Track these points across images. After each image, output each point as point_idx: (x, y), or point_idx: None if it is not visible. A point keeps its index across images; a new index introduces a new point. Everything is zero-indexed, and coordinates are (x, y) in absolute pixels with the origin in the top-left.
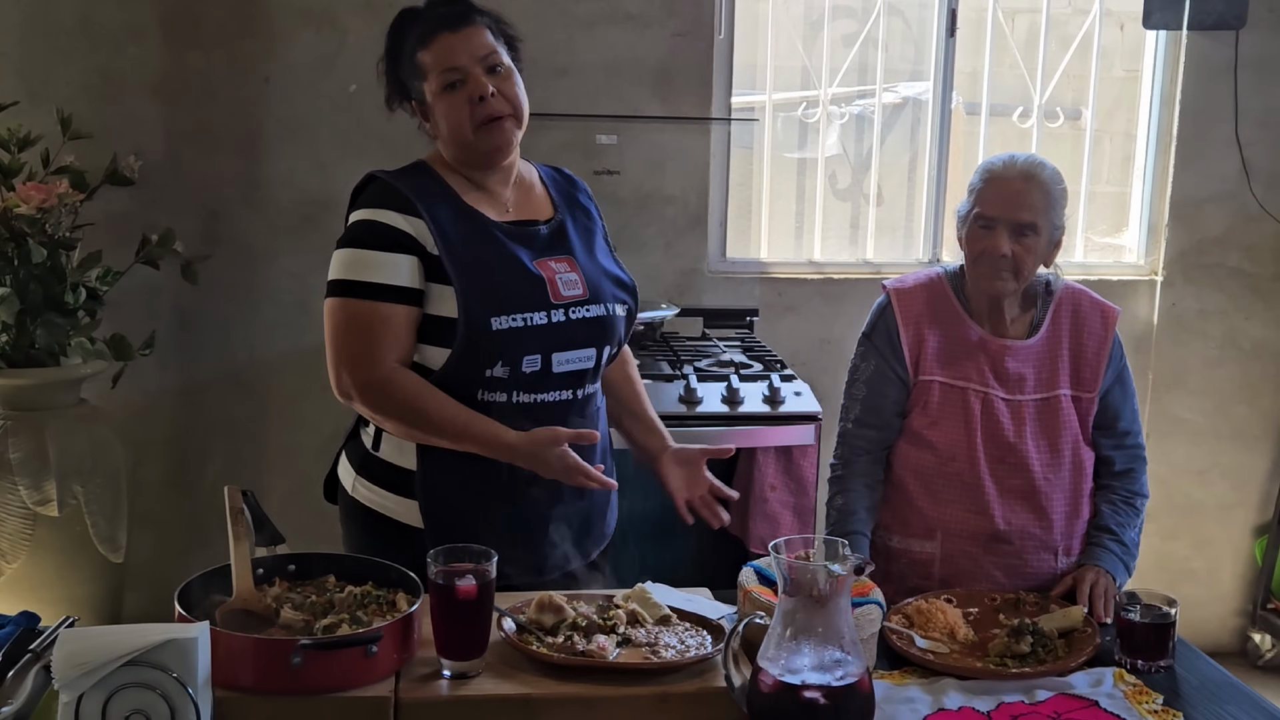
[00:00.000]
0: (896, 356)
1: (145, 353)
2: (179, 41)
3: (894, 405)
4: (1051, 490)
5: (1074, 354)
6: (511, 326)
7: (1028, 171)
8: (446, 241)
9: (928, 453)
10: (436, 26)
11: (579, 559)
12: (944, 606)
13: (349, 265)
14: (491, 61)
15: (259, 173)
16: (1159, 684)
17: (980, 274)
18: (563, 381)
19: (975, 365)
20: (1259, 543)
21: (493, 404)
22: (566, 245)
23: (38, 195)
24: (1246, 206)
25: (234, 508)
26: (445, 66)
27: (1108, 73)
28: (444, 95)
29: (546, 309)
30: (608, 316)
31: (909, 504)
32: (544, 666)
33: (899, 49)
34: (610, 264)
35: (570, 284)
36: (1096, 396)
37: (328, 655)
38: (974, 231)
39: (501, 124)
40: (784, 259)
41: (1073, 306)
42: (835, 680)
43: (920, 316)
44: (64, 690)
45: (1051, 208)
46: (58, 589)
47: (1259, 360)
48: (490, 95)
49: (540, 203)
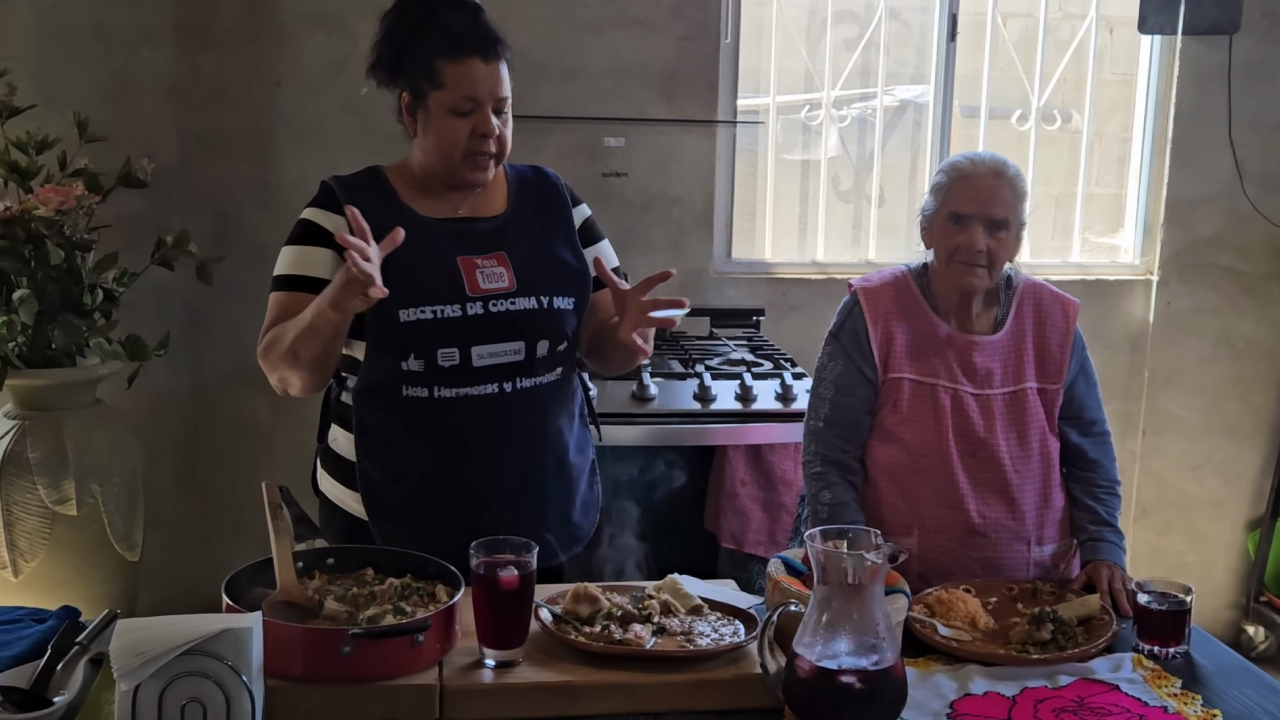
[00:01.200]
0: (863, 356)
1: (160, 353)
2: (191, 45)
3: (862, 404)
4: (1022, 482)
5: (1038, 347)
6: (420, 319)
7: (996, 169)
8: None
9: (899, 450)
10: (471, 48)
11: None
12: (964, 596)
13: (280, 261)
14: (501, 103)
15: (270, 175)
16: (1176, 668)
17: (955, 271)
18: (486, 375)
19: (944, 361)
20: (1252, 537)
21: (415, 399)
22: (504, 240)
23: (56, 198)
24: (1239, 208)
25: (273, 503)
26: (466, 94)
27: (1102, 76)
28: (450, 116)
29: (461, 301)
30: (541, 309)
31: (882, 501)
32: (583, 655)
33: (900, 53)
34: (563, 255)
35: (493, 276)
36: (1062, 388)
37: (376, 645)
38: (945, 229)
39: (486, 164)
40: (788, 259)
41: (1035, 300)
42: (871, 665)
43: (888, 314)
44: (122, 680)
45: (1018, 203)
46: (76, 587)
47: (1251, 358)
48: (492, 137)
49: (495, 199)
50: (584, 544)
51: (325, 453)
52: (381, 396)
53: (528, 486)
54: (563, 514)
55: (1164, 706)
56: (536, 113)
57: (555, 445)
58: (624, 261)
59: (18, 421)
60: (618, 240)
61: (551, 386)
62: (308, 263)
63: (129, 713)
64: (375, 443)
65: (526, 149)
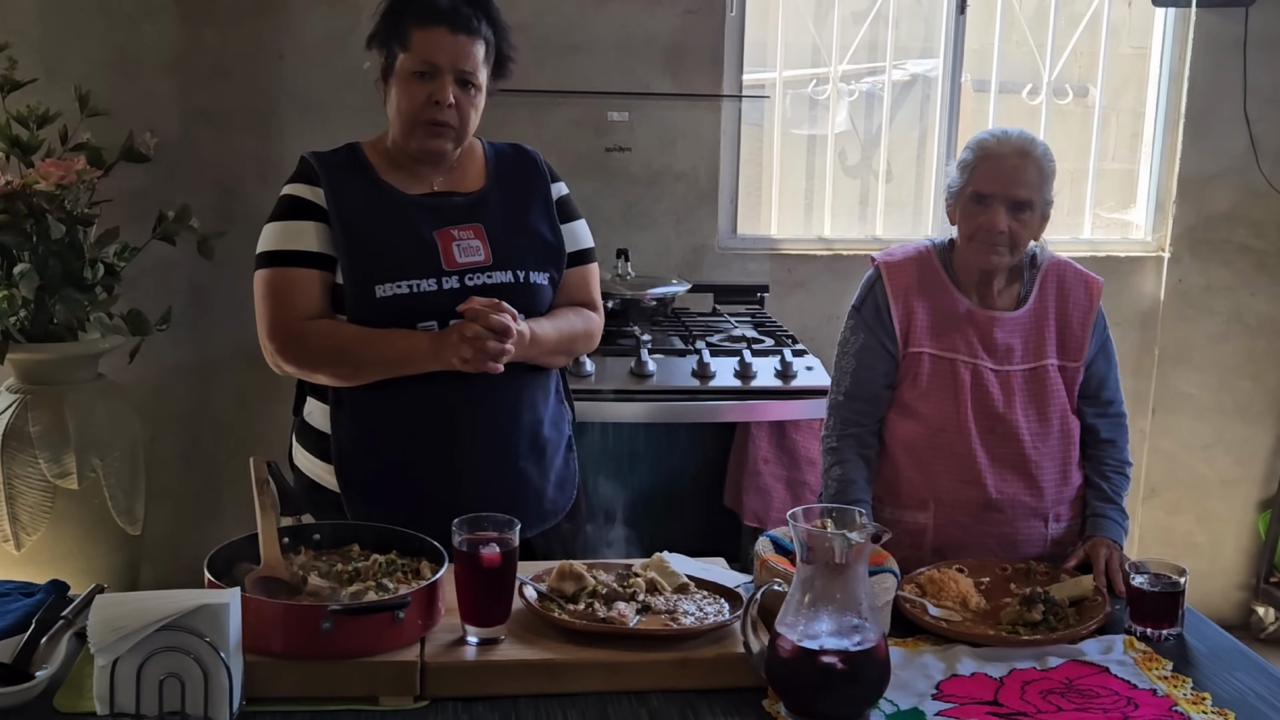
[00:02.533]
0: (885, 330)
1: (162, 328)
2: (194, 19)
3: (882, 378)
4: (1041, 459)
5: (1060, 325)
6: (397, 294)
7: (1022, 148)
8: (340, 212)
9: (918, 424)
10: (444, 16)
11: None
12: (956, 576)
13: (264, 238)
14: (466, 76)
15: (273, 149)
16: (1169, 651)
17: (976, 250)
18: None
19: (964, 337)
20: (1263, 517)
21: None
22: (481, 214)
23: (57, 172)
24: (1254, 183)
25: (259, 478)
26: (425, 58)
27: (1116, 50)
28: (409, 79)
29: (437, 275)
30: (517, 283)
31: (900, 475)
32: (566, 633)
33: (909, 26)
34: (540, 230)
35: (469, 250)
36: (1082, 366)
37: (356, 621)
38: (968, 208)
39: (441, 132)
40: (794, 235)
41: (1058, 278)
42: (853, 646)
43: (909, 289)
44: (100, 654)
45: (1044, 183)
46: (77, 560)
47: (1264, 336)
48: (448, 105)
49: (472, 176)
50: (557, 520)
51: (301, 426)
52: None
53: (501, 461)
54: (536, 489)
55: (1153, 689)
56: (540, 87)
57: (529, 420)
58: (627, 237)
59: (19, 396)
60: (622, 215)
61: (524, 363)
62: (294, 237)
63: (107, 687)
64: (350, 415)
65: (530, 123)
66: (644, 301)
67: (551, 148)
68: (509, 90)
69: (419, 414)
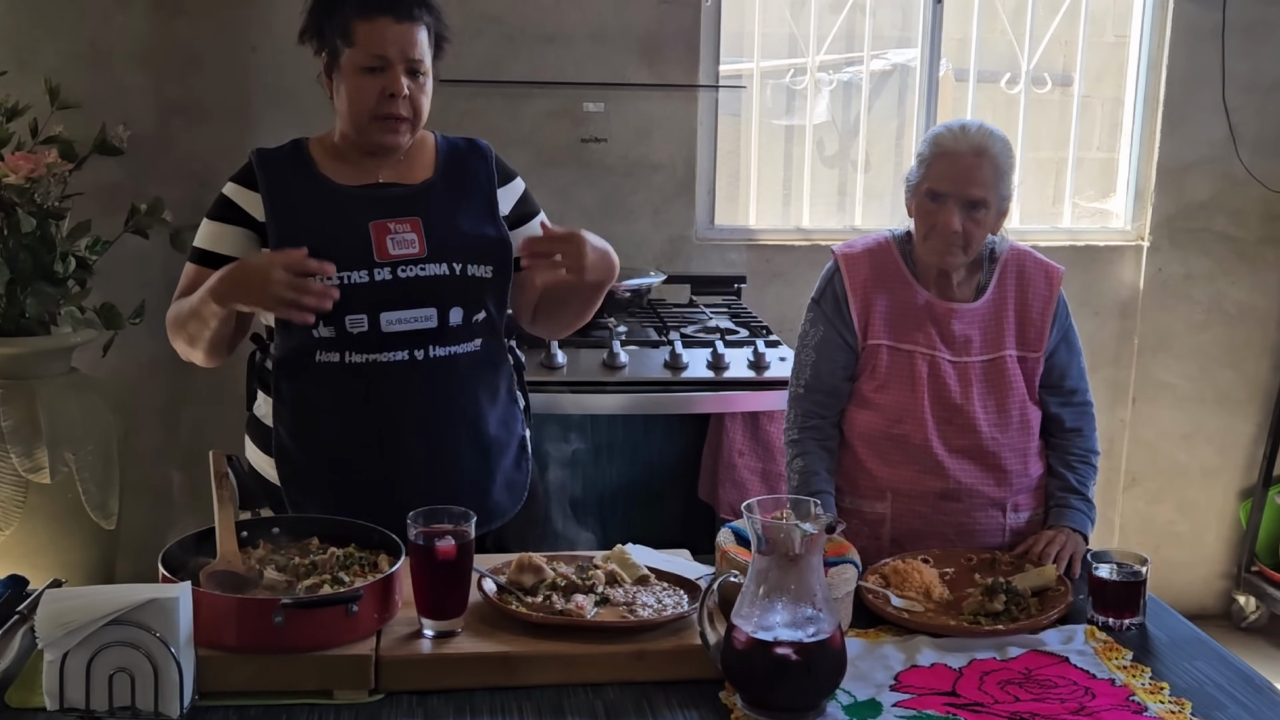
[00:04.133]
0: (843, 322)
1: (135, 321)
2: (166, 11)
3: (842, 370)
4: (999, 449)
5: (1019, 315)
6: (327, 284)
7: (979, 145)
8: (276, 209)
9: (875, 415)
10: (384, 7)
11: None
12: (920, 566)
13: (198, 232)
14: (415, 64)
15: (247, 141)
16: (1130, 641)
17: (930, 248)
18: (397, 342)
19: (922, 329)
20: (1244, 506)
21: (328, 365)
22: (420, 206)
23: (26, 165)
24: (1233, 171)
25: (218, 471)
26: (373, 52)
27: (1099, 38)
28: (359, 74)
29: (369, 267)
30: (453, 275)
31: (859, 466)
32: (523, 625)
33: (887, 15)
34: (481, 225)
35: (404, 243)
36: (1042, 356)
37: (309, 615)
38: (924, 205)
39: (398, 125)
40: (772, 226)
41: (1018, 268)
42: (807, 637)
43: (868, 281)
44: (48, 649)
45: (1000, 180)
46: (50, 555)
47: (1244, 325)
48: (402, 96)
49: (419, 167)
50: (503, 522)
51: (250, 419)
52: (296, 363)
53: (439, 458)
54: (480, 489)
55: (1112, 679)
56: (515, 78)
57: (471, 417)
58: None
59: None
60: (599, 206)
61: (469, 357)
62: (220, 240)
63: (56, 682)
64: (289, 409)
65: (505, 114)
66: (618, 293)
67: (527, 139)
68: (484, 81)
69: (356, 410)
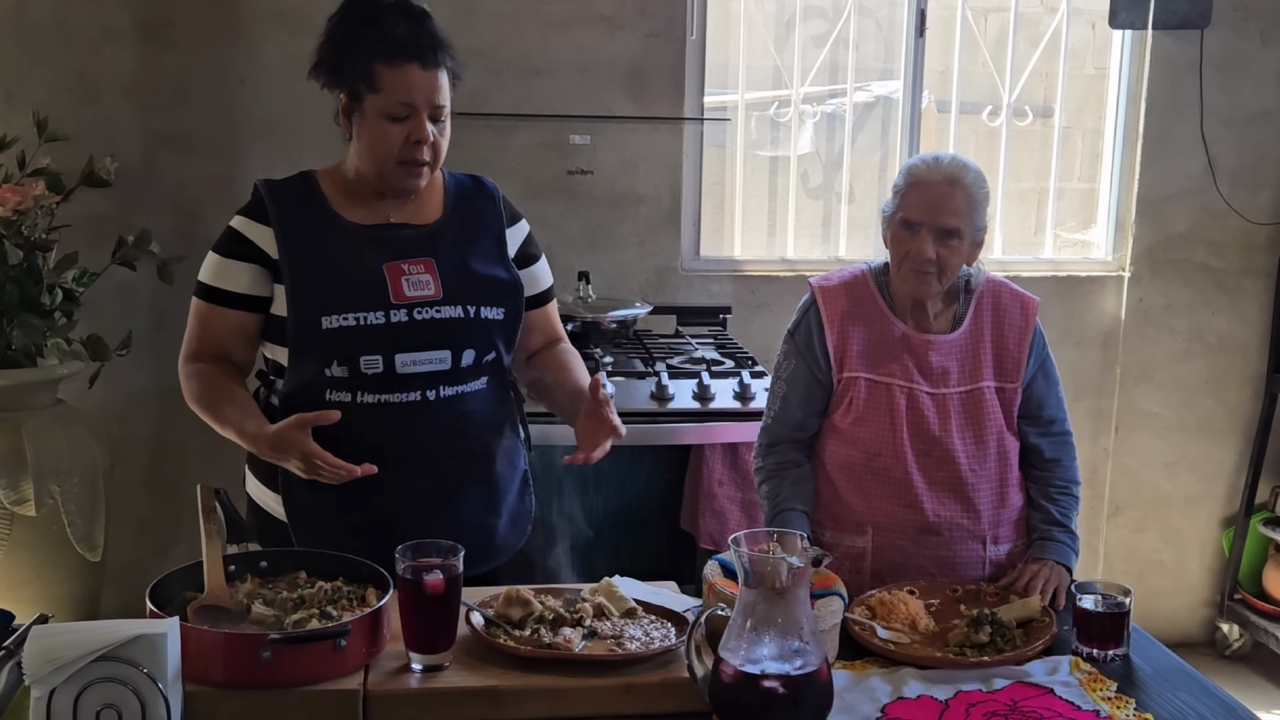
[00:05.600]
0: (814, 357)
1: (122, 353)
2: (154, 43)
3: (812, 404)
4: (978, 481)
5: (996, 346)
6: (343, 325)
7: (952, 175)
8: (289, 246)
9: (855, 449)
10: (409, 53)
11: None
12: (906, 598)
13: (204, 266)
14: (438, 111)
15: (235, 173)
16: (1114, 672)
17: (904, 277)
18: (411, 383)
19: (899, 361)
20: (1226, 534)
21: (339, 404)
22: (432, 247)
23: (13, 197)
24: (1212, 203)
25: (206, 506)
26: (401, 100)
27: (1079, 71)
28: (383, 121)
29: (385, 309)
30: (468, 318)
31: (839, 500)
32: (511, 659)
33: (870, 48)
34: (493, 267)
35: (419, 285)
36: (1020, 387)
37: (297, 649)
38: (898, 234)
39: (420, 170)
40: (757, 257)
41: (994, 299)
42: (794, 670)
43: (844, 314)
44: (35, 686)
45: (974, 211)
46: (35, 588)
47: (1225, 354)
48: (427, 143)
49: (429, 207)
50: (510, 556)
51: (252, 455)
52: (305, 401)
53: (446, 495)
54: (486, 525)
55: (1097, 711)
56: (502, 110)
57: (479, 454)
58: (590, 259)
59: None
60: (585, 238)
61: (476, 396)
62: (228, 276)
63: (43, 718)
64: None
65: (492, 146)
66: (604, 324)
67: (514, 171)
68: (471, 114)
69: (365, 447)
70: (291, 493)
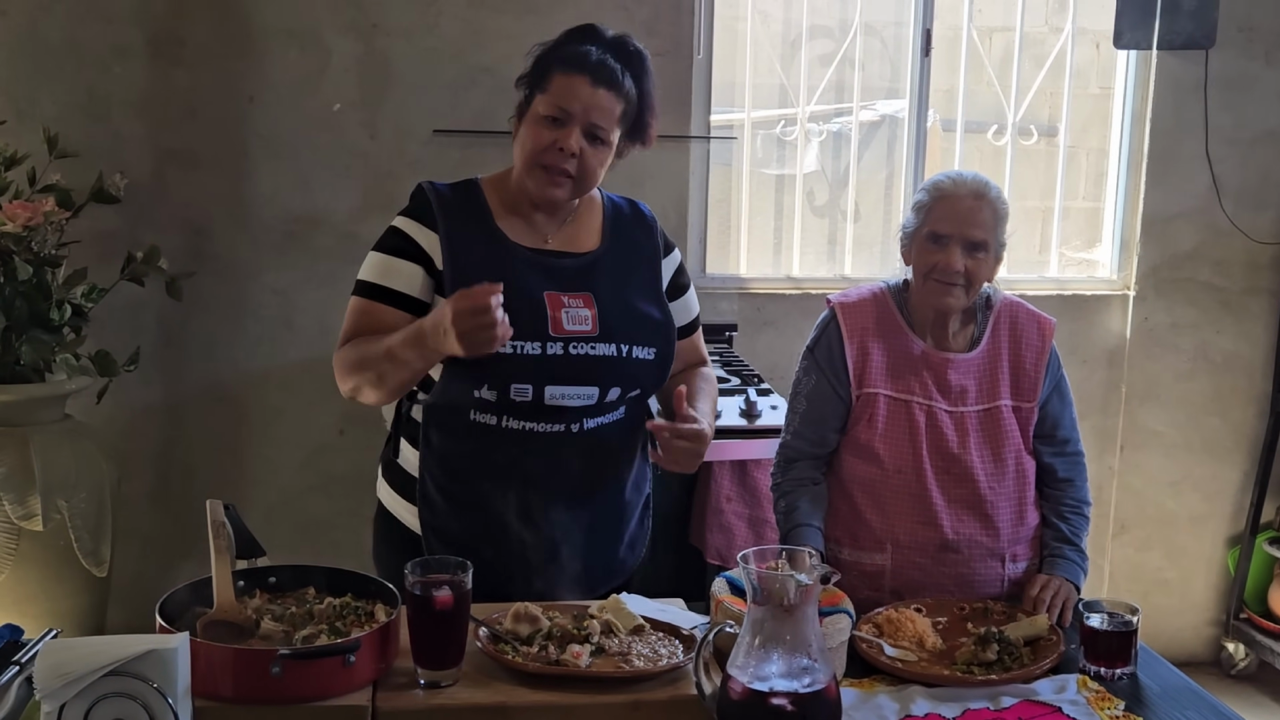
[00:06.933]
0: (835, 373)
1: (130, 369)
2: (164, 61)
3: (832, 421)
4: (997, 499)
5: (1013, 365)
6: (500, 352)
7: (977, 190)
8: (454, 259)
9: (874, 466)
10: (588, 66)
11: (581, 590)
12: (913, 615)
13: (364, 265)
14: (596, 129)
15: (243, 191)
16: (1121, 690)
17: (931, 289)
18: (555, 415)
19: (919, 378)
20: (1232, 553)
21: (483, 425)
22: (592, 280)
23: (24, 213)
24: (1216, 222)
25: (215, 521)
26: (559, 104)
27: (1084, 90)
28: (539, 122)
29: (543, 340)
30: (619, 358)
31: (858, 517)
32: (519, 675)
33: (875, 68)
34: (648, 304)
35: (578, 319)
36: (1036, 406)
37: (306, 665)
38: (924, 247)
39: (559, 180)
40: (763, 274)
41: (1011, 319)
42: (803, 687)
43: (865, 331)
44: (46, 700)
45: (998, 225)
46: (42, 603)
47: (1230, 373)
48: (572, 154)
49: (587, 234)
50: (625, 578)
51: (389, 464)
52: (451, 417)
53: (578, 523)
54: (609, 552)
55: None
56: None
57: (611, 484)
58: None
59: None
60: None
61: (616, 427)
62: (393, 274)
63: None
64: (438, 462)
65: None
66: None
67: None
68: (479, 131)
69: (505, 471)
70: (429, 506)
